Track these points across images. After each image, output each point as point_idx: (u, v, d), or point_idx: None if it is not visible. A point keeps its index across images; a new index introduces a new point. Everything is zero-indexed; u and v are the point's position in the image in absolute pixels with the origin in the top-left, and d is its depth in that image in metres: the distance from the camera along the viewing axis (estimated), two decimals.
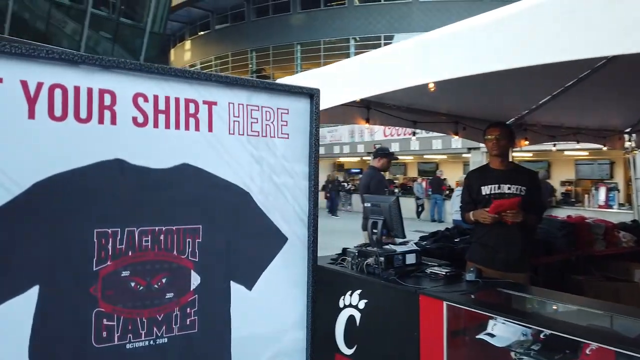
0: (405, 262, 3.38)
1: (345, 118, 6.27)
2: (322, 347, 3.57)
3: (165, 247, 1.40)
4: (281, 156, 1.61)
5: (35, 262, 1.23)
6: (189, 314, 1.44)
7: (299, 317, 1.65)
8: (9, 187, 1.19)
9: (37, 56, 1.20)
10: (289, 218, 1.63)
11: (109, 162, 1.32)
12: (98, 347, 1.31)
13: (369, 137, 24.43)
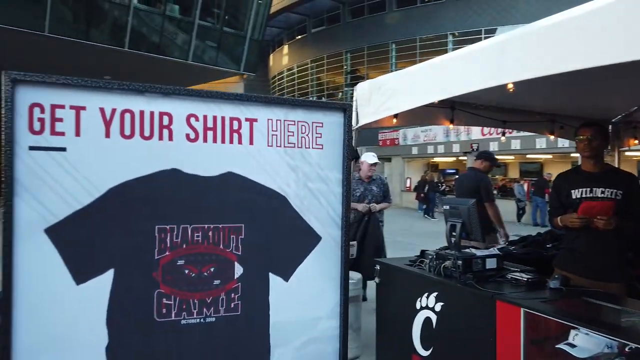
0: (485, 267, 3.32)
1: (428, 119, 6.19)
2: (399, 348, 3.64)
3: (213, 241, 1.68)
4: (316, 165, 1.82)
5: (110, 250, 1.56)
6: (233, 299, 1.71)
7: (332, 308, 1.85)
8: (91, 191, 1.53)
9: (111, 88, 1.54)
10: (323, 220, 1.83)
11: (167, 171, 1.62)
12: (159, 320, 1.62)
13: (466, 136, 23.58)
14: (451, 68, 3.14)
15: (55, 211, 1.50)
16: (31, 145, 1.46)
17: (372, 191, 5.67)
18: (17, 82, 1.44)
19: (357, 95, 4.61)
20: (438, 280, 3.32)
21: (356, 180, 5.61)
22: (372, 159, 5.71)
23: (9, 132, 1.43)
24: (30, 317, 1.47)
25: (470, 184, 5.69)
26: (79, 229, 1.52)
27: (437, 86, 3.32)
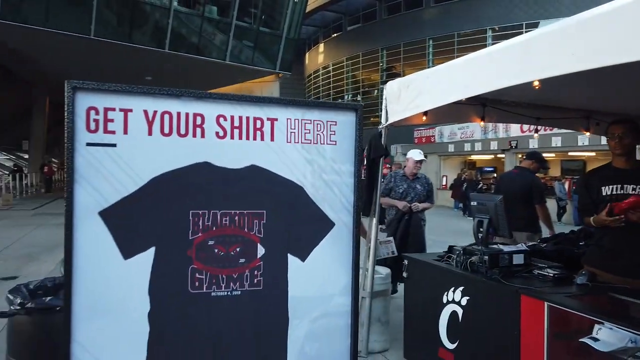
0: (512, 262, 3.37)
1: (458, 117, 6.17)
2: (426, 341, 3.74)
3: (239, 225, 1.94)
4: (330, 159, 2.05)
5: (152, 231, 1.84)
6: (256, 275, 1.96)
7: (344, 286, 2.08)
8: (136, 180, 1.82)
9: (153, 93, 1.81)
10: (336, 207, 2.06)
11: (200, 164, 1.89)
12: (192, 292, 1.89)
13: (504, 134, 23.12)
14: (478, 65, 3.16)
15: (107, 197, 1.78)
16: (88, 141, 1.75)
17: (415, 189, 5.58)
18: (76, 89, 1.73)
19: (387, 94, 4.74)
20: (464, 275, 3.38)
21: (400, 176, 5.58)
22: (418, 156, 5.61)
23: (70, 131, 1.72)
24: (86, 285, 1.76)
25: (521, 183, 5.57)
26: (126, 212, 1.80)
27: (464, 84, 3.35)
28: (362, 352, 4.37)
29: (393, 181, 5.66)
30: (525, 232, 5.33)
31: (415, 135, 29.85)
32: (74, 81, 1.72)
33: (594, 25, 2.10)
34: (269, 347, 1.97)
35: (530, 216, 5.42)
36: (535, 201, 5.34)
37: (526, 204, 5.46)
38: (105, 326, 1.78)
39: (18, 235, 10.68)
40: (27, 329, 2.42)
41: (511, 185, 5.96)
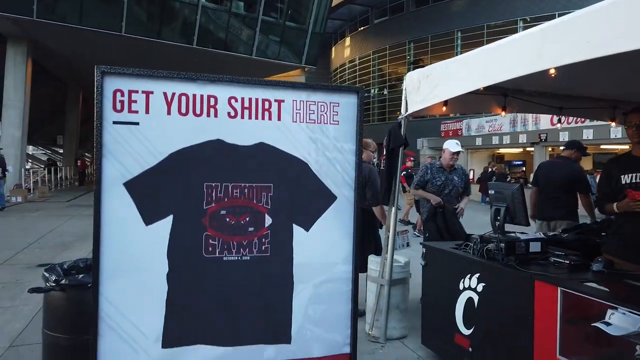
0: (529, 250, 3.41)
1: (479, 107, 6.18)
2: (442, 327, 3.83)
3: (248, 197, 2.13)
4: (332, 137, 2.22)
5: (170, 201, 2.06)
6: (263, 243, 2.16)
7: (345, 255, 2.26)
8: (156, 155, 2.03)
9: (172, 77, 2.02)
10: (338, 183, 2.24)
11: (213, 141, 2.09)
12: (206, 256, 2.10)
13: (533, 126, 22.70)
14: (495, 55, 3.20)
15: (131, 169, 2.01)
16: (114, 120, 1.97)
17: (453, 181, 5.37)
18: (104, 74, 1.96)
19: (407, 84, 4.84)
20: (481, 262, 3.43)
21: (437, 168, 5.40)
22: (454, 147, 5.37)
23: (99, 110, 1.95)
24: (112, 247, 1.99)
25: (565, 173, 5.62)
26: (147, 183, 2.02)
27: (481, 73, 3.40)
28: (381, 338, 4.52)
29: (429, 173, 5.47)
30: (566, 220, 5.40)
31: (442, 129, 29.55)
32: (102, 66, 1.94)
33: (607, 12, 2.15)
34: (276, 308, 2.17)
35: (572, 205, 5.48)
36: (581, 191, 5.40)
37: (568, 192, 5.50)
38: (129, 284, 2.01)
39: (53, 225, 11.22)
40: (61, 304, 2.64)
41: (553, 174, 5.97)
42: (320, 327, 2.22)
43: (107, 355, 1.99)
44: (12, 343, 4.30)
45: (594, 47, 2.15)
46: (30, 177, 19.76)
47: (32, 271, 6.95)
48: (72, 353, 2.43)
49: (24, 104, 17.60)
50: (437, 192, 5.36)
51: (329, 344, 2.24)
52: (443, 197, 5.32)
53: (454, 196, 5.36)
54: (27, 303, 5.43)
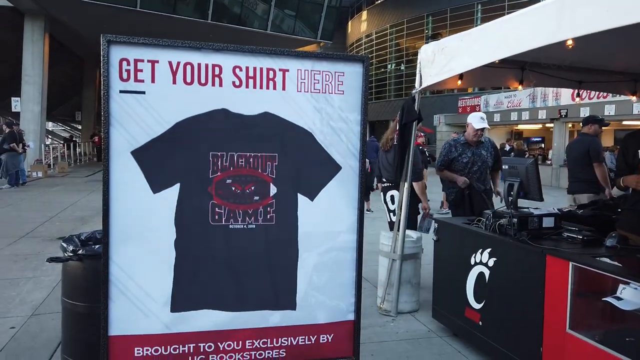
0: (542, 225, 3.41)
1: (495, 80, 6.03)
2: (453, 301, 3.88)
3: (253, 166, 2.16)
4: (337, 107, 2.22)
5: (177, 169, 2.09)
6: (269, 212, 2.19)
7: (350, 225, 2.28)
8: (163, 124, 2.06)
9: (176, 46, 2.03)
10: (343, 153, 2.24)
11: (218, 111, 2.11)
12: (212, 224, 2.14)
13: (553, 102, 22.28)
14: (512, 26, 3.13)
15: (138, 138, 2.04)
16: (121, 89, 2.00)
17: (481, 156, 4.98)
18: (110, 43, 1.98)
19: (421, 58, 4.78)
20: (493, 237, 3.44)
21: (461, 144, 5.04)
22: (478, 123, 4.94)
23: (105, 79, 1.97)
24: (121, 214, 2.04)
25: (580, 147, 5.71)
26: (154, 152, 2.05)
27: (497, 45, 3.32)
28: (392, 312, 4.58)
29: (454, 150, 5.12)
30: (587, 193, 5.40)
31: (460, 105, 29.15)
32: (108, 35, 1.96)
33: None
34: (281, 275, 2.21)
35: (590, 178, 5.50)
36: (593, 160, 5.41)
37: (585, 166, 5.54)
38: (138, 250, 2.06)
39: (73, 200, 11.46)
40: (79, 274, 2.73)
41: (572, 150, 6.01)
42: (325, 294, 2.26)
43: (119, 319, 2.06)
44: (35, 312, 4.47)
45: (614, 16, 2.10)
46: (50, 153, 20.11)
47: (53, 243, 7.16)
48: (90, 319, 2.51)
49: (42, 79, 17.81)
50: (465, 171, 5.05)
51: (333, 311, 2.28)
52: (472, 175, 5.00)
53: (483, 173, 5.00)
54: (48, 274, 5.61)
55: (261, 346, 2.21)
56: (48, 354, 3.59)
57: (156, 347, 2.10)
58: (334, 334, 2.28)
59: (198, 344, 2.14)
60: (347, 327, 2.31)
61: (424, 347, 3.94)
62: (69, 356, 2.76)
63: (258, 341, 2.20)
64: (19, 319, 4.25)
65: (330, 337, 2.28)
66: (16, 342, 3.80)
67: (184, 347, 2.13)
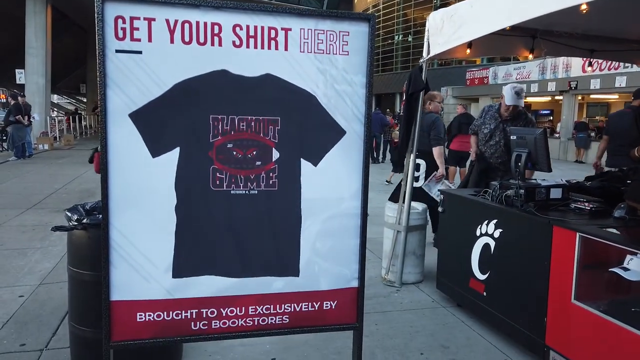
0: (549, 196, 3.41)
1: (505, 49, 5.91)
2: (458, 272, 3.91)
3: (255, 130, 2.09)
4: (342, 69, 2.14)
5: (177, 133, 2.03)
6: (271, 177, 2.13)
7: (354, 191, 2.22)
8: (161, 85, 1.99)
9: (174, 3, 1.94)
10: (348, 117, 2.17)
11: (218, 72, 2.03)
12: (214, 189, 2.09)
13: (564, 74, 21.95)
14: None
15: (136, 100, 1.97)
16: (117, 48, 1.92)
17: (504, 131, 4.66)
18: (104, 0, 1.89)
19: (429, 25, 4.65)
20: (499, 208, 3.44)
21: (492, 113, 4.79)
22: (510, 99, 4.54)
23: (101, 38, 1.90)
24: (120, 178, 1.99)
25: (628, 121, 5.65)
26: (153, 114, 1.99)
27: (508, 11, 3.25)
28: (396, 283, 4.58)
29: (483, 116, 4.90)
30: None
31: (468, 77, 28.75)
32: None
33: None
34: (284, 242, 2.17)
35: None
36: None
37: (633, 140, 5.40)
38: (138, 216, 2.02)
39: (79, 172, 11.48)
40: (83, 243, 2.73)
41: (620, 124, 5.87)
42: (328, 261, 2.22)
43: (120, 284, 2.04)
44: (43, 281, 4.51)
45: None
46: (55, 125, 20.10)
47: (60, 215, 7.17)
48: (96, 287, 2.51)
49: (46, 51, 17.65)
50: (482, 142, 4.85)
51: (336, 278, 2.25)
52: (487, 149, 4.81)
53: (504, 150, 4.68)
54: (56, 244, 5.65)
55: (264, 312, 2.18)
56: (56, 322, 3.63)
57: (158, 312, 2.08)
58: (337, 301, 2.26)
59: (200, 309, 2.12)
60: (350, 294, 2.28)
61: (428, 317, 3.95)
62: (76, 323, 2.78)
63: (261, 307, 2.18)
64: (28, 288, 4.31)
65: (333, 304, 2.25)
66: (25, 310, 3.85)
67: (186, 312, 2.11)
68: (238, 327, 2.17)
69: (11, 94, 15.71)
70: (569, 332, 2.84)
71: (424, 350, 3.35)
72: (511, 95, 4.53)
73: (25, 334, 3.44)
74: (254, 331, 2.19)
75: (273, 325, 2.20)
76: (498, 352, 3.33)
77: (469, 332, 3.64)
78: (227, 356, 3.14)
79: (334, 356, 3.14)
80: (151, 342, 2.09)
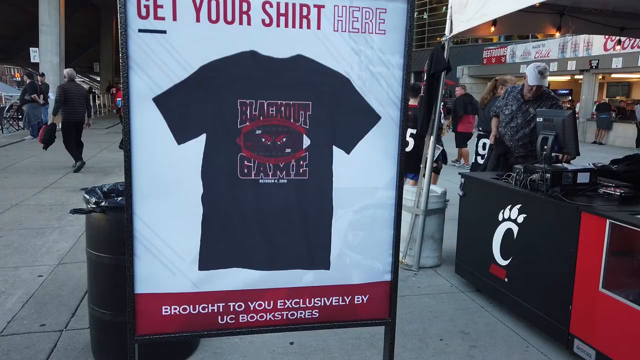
0: (577, 181, 3.31)
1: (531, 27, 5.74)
2: (478, 257, 3.85)
3: (285, 115, 1.97)
4: (378, 49, 1.99)
5: (203, 118, 1.91)
6: (301, 165, 2.02)
7: (389, 180, 2.10)
8: (187, 67, 1.87)
9: None
10: (383, 101, 2.03)
11: (246, 53, 1.90)
12: (241, 178, 1.98)
13: (584, 52, 21.42)
14: None
15: (160, 83, 1.86)
16: (140, 28, 1.80)
17: (526, 114, 4.42)
18: None
19: (452, 2, 4.45)
20: (523, 192, 3.35)
21: (515, 94, 4.55)
22: (532, 79, 4.26)
23: (123, 16, 1.77)
24: (144, 165, 1.89)
25: None
26: (178, 98, 1.87)
27: None
28: (414, 266, 4.49)
29: (505, 97, 4.67)
30: None
31: (485, 55, 28.18)
32: None
33: None
34: (314, 233, 2.06)
35: None
36: None
37: None
38: (163, 205, 1.92)
39: (94, 151, 11.49)
40: (102, 225, 2.68)
41: None
42: (360, 253, 2.11)
43: (145, 276, 1.95)
44: (61, 261, 4.51)
45: None
46: None
47: (77, 194, 7.19)
48: (116, 271, 2.47)
49: (59, 29, 17.53)
50: (502, 125, 4.64)
51: (369, 271, 2.14)
52: (506, 132, 4.59)
53: (526, 135, 4.46)
54: (73, 224, 5.65)
55: (293, 306, 2.09)
56: (75, 302, 3.62)
57: (184, 305, 1.99)
58: (369, 295, 2.16)
59: (228, 303, 2.03)
60: (383, 288, 2.17)
61: (447, 302, 3.88)
62: (96, 306, 2.77)
63: (290, 301, 2.08)
64: (46, 268, 4.32)
65: (365, 298, 2.15)
66: (44, 289, 3.86)
67: (213, 306, 2.02)
68: (266, 321, 2.08)
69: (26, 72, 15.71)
70: (595, 321, 2.77)
71: (444, 336, 3.28)
72: (534, 74, 4.29)
73: (46, 314, 3.44)
74: (283, 325, 2.10)
75: (302, 319, 2.11)
76: (519, 339, 3.26)
77: (489, 318, 3.57)
78: (246, 339, 3.09)
79: (353, 341, 3.07)
80: (177, 336, 2.01)
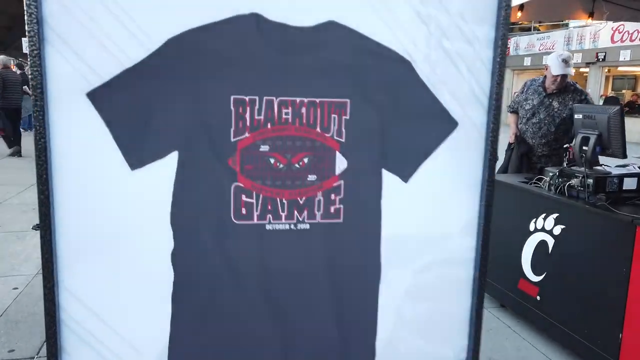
0: (622, 187, 2.95)
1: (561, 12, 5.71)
2: (504, 270, 3.47)
3: (307, 121, 1.21)
4: (457, 14, 1.23)
5: (172, 127, 1.16)
6: (333, 201, 1.26)
7: (468, 221, 1.35)
8: (145, 43, 1.11)
9: None
10: (462, 97, 1.28)
11: (245, 17, 1.14)
12: (237, 222, 1.23)
13: (590, 44, 21.02)
14: None
15: (99, 69, 1.10)
16: None
17: (550, 108, 3.97)
18: None
19: None
20: (560, 200, 3.07)
21: (536, 87, 4.09)
22: (556, 68, 3.85)
23: None
24: (74, 210, 1.13)
25: None
26: (130, 94, 1.12)
27: None
28: None
29: (525, 92, 4.18)
30: None
31: None
32: None
33: None
34: (352, 309, 1.31)
35: None
36: None
37: None
38: (107, 269, 1.18)
39: None
40: None
41: None
42: (422, 336, 1.36)
43: None
44: (39, 270, 4.21)
45: None
46: None
47: None
48: None
49: None
50: (523, 121, 4.13)
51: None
52: (528, 128, 4.08)
53: (550, 131, 4.00)
54: None
55: None
56: None
57: None
58: None
59: None
60: None
61: None
62: None
63: None
64: (23, 279, 3.95)
65: None
66: (18, 305, 3.48)
67: None
68: None
69: (17, 63, 14.98)
70: None
71: None
72: (558, 63, 3.84)
73: (16, 336, 3.08)
74: None
75: None
76: None
77: (519, 342, 3.17)
78: None
79: None
80: None
